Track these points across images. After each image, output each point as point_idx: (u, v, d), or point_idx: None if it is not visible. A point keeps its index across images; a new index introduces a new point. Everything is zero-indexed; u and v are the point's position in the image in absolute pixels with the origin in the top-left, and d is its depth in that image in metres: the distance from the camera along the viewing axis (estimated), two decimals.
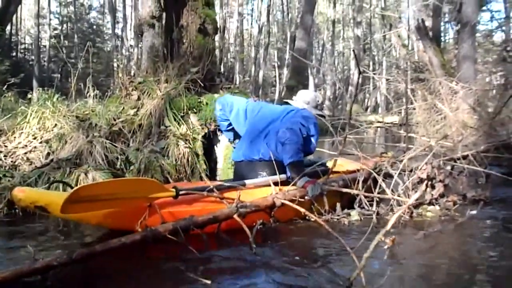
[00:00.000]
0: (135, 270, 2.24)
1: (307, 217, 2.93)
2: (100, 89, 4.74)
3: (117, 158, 3.72)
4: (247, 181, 3.09)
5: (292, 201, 2.92)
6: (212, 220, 2.57)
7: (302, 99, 3.66)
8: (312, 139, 3.34)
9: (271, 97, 32.36)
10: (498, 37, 24.78)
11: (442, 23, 19.05)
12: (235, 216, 2.62)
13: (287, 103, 3.75)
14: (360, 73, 2.95)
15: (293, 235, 2.89)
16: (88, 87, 4.37)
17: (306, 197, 3.05)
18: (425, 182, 3.51)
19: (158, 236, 2.33)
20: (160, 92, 4.16)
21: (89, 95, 4.39)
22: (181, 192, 2.69)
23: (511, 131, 5.04)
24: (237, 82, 24.97)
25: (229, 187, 2.94)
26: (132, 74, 4.70)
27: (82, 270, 2.18)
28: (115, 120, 3.96)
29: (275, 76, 32.83)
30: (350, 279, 1.92)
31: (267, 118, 3.42)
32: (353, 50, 8.03)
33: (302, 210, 2.81)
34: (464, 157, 4.03)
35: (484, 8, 18.70)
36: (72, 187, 2.85)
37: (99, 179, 3.46)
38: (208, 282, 1.97)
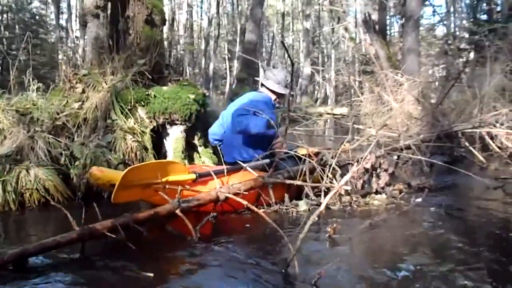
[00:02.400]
0: (72, 267, 2.16)
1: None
2: (44, 82, 4.52)
3: (61, 154, 3.56)
4: (244, 165, 3.32)
5: (236, 194, 2.93)
6: (153, 215, 2.53)
7: (274, 79, 3.86)
8: (263, 115, 3.39)
9: (222, 89, 32.25)
10: (440, 31, 25.77)
11: (387, 17, 19.54)
12: (177, 211, 2.59)
13: (262, 84, 3.96)
14: (292, 64, 3.00)
15: (241, 226, 2.92)
16: (29, 79, 4.16)
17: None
18: (370, 171, 3.59)
19: (96, 234, 2.27)
20: (106, 84, 4.03)
21: (31, 89, 4.18)
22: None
23: (453, 121, 5.24)
24: (187, 75, 24.70)
25: (235, 169, 3.29)
26: (76, 66, 4.51)
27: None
28: (58, 114, 3.80)
29: (225, 69, 32.66)
30: (287, 260, 1.98)
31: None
32: (282, 42, 8.06)
33: (245, 202, 2.83)
34: (408, 147, 4.15)
35: (427, 2, 19.33)
36: None
37: (42, 176, 3.32)
38: (151, 275, 1.94)
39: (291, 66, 3.06)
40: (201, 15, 34.62)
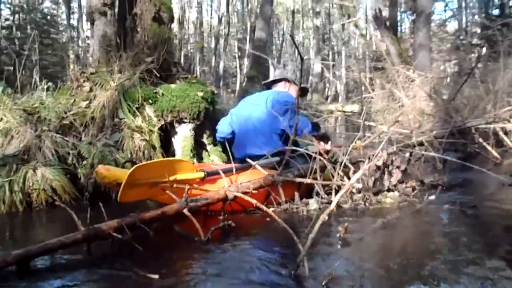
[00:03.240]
0: (77, 268, 2.11)
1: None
2: (55, 81, 4.50)
3: (68, 153, 3.53)
4: (253, 163, 3.25)
5: (245, 193, 2.86)
6: (160, 215, 2.47)
7: (289, 71, 4.10)
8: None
9: (232, 87, 32.21)
10: (451, 26, 25.49)
11: (398, 13, 19.35)
12: (185, 211, 2.53)
13: (274, 81, 4.06)
14: (302, 59, 2.94)
15: (250, 226, 2.85)
16: (36, 78, 4.14)
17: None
18: (382, 169, 3.51)
19: (102, 234, 2.22)
20: (114, 83, 3.98)
21: (40, 88, 4.15)
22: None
23: (466, 116, 5.13)
24: (197, 73, 24.71)
25: (244, 167, 3.25)
26: (84, 64, 4.48)
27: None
28: (65, 113, 3.76)
29: (236, 67, 32.62)
30: (297, 261, 1.90)
31: (254, 114, 3.68)
32: (291, 36, 7.95)
33: (254, 201, 2.75)
34: (420, 144, 4.06)
35: None
36: None
37: (49, 176, 3.28)
38: (156, 276, 1.88)
39: (301, 61, 2.99)
40: (211, 13, 34.62)
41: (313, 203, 3.15)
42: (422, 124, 5.27)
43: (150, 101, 4.00)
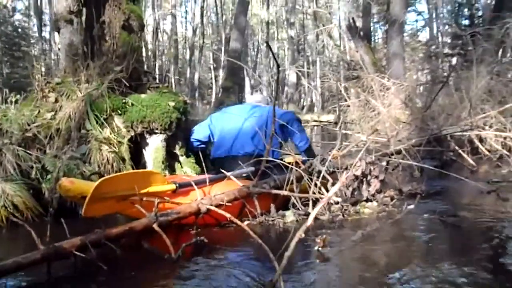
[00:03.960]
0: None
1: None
2: (25, 94, 4.27)
3: (32, 167, 3.34)
4: (228, 173, 3.20)
5: (219, 206, 2.73)
6: (128, 231, 2.32)
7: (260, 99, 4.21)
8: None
9: (208, 99, 32.07)
10: (423, 37, 25.99)
11: (371, 24, 19.60)
12: (155, 226, 2.38)
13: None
14: (278, 67, 2.95)
15: (223, 241, 2.72)
16: (6, 91, 3.94)
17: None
18: (360, 178, 3.43)
19: (63, 253, 2.06)
20: (80, 93, 3.81)
21: (8, 100, 3.94)
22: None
23: (441, 124, 5.13)
24: (172, 84, 24.48)
25: (218, 178, 3.15)
26: (49, 74, 4.29)
27: None
28: (29, 125, 3.57)
29: (211, 78, 32.50)
30: (273, 281, 1.79)
31: (248, 118, 3.77)
32: (266, 42, 7.90)
33: (228, 215, 2.63)
34: (398, 152, 4.02)
35: (410, 8, 19.47)
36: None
37: (9, 192, 3.09)
38: None
39: (277, 69, 2.99)
40: (185, 25, 34.49)
41: (290, 215, 3.04)
42: (399, 132, 5.25)
43: (119, 111, 3.84)
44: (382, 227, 2.84)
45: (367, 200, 3.42)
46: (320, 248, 2.34)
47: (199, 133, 4.04)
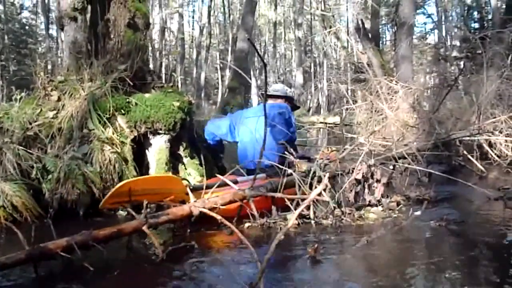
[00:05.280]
0: None
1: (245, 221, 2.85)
2: (29, 92, 4.24)
3: (32, 167, 3.28)
4: (239, 179, 3.38)
5: (212, 209, 2.70)
6: (116, 233, 2.28)
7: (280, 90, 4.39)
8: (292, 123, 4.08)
9: (214, 99, 32.07)
10: (431, 39, 25.85)
11: (379, 25, 19.51)
12: (144, 228, 2.34)
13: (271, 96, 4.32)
14: (265, 65, 2.94)
15: (216, 243, 2.75)
16: (2, 86, 3.90)
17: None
18: (362, 183, 3.37)
19: (48, 254, 2.03)
20: (84, 91, 3.76)
21: (13, 98, 3.91)
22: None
23: (450, 128, 5.05)
24: (178, 84, 24.48)
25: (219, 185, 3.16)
26: (52, 72, 4.24)
27: None
28: (30, 123, 3.53)
29: (217, 78, 32.51)
30: (253, 284, 1.77)
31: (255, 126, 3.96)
32: (249, 39, 7.75)
33: (218, 217, 2.59)
34: (402, 157, 3.94)
35: (419, 11, 19.37)
36: None
37: (9, 192, 3.05)
38: None
39: (264, 68, 2.99)
40: (192, 24, 34.53)
41: (291, 218, 2.97)
42: (405, 136, 5.18)
43: (123, 111, 3.79)
44: (386, 234, 2.78)
45: (372, 205, 3.35)
46: (313, 255, 2.28)
47: (218, 128, 4.23)
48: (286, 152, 3.56)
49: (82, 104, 3.68)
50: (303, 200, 2.94)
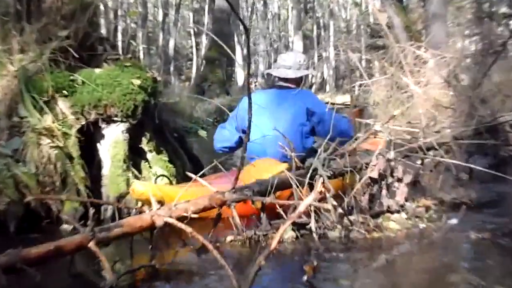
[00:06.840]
0: None
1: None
2: None
3: None
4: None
5: (182, 218, 2.71)
6: (54, 252, 2.24)
7: (284, 65, 4.44)
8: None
9: (187, 73, 32.07)
10: None
11: None
12: (91, 244, 2.33)
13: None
14: (246, 29, 2.82)
15: (187, 263, 2.76)
16: None
17: None
18: (379, 182, 3.40)
19: None
20: (13, 66, 3.77)
21: None
22: None
23: (496, 109, 5.10)
24: (140, 54, 24.44)
25: None
26: None
27: None
28: None
29: (191, 47, 32.50)
30: None
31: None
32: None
33: (189, 229, 2.58)
34: (432, 148, 3.98)
35: None
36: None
37: None
38: None
39: (245, 32, 2.96)
40: None
41: (287, 230, 3.00)
42: (437, 120, 5.22)
43: (65, 92, 3.81)
44: (412, 250, 2.81)
45: (393, 212, 3.39)
46: (309, 277, 2.31)
47: (227, 139, 4.48)
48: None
49: (11, 84, 3.68)
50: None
